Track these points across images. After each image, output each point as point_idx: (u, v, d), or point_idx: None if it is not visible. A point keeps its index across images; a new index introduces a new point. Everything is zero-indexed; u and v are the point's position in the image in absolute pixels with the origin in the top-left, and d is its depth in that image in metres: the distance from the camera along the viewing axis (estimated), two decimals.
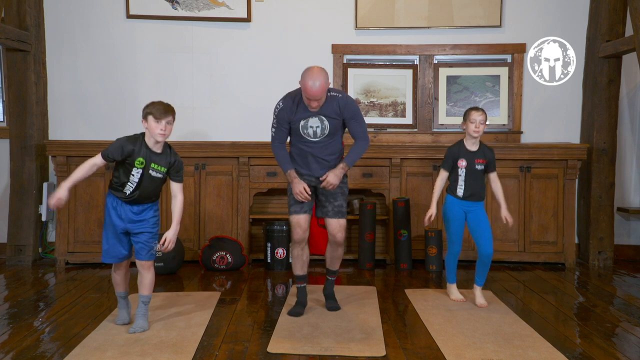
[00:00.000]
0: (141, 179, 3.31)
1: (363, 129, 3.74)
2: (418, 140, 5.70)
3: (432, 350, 3.14)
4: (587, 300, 4.22)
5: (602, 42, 5.38)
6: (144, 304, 3.44)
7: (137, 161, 3.29)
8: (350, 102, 3.69)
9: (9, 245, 5.38)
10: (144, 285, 3.43)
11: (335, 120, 3.66)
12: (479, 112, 3.83)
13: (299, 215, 3.72)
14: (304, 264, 3.83)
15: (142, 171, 3.31)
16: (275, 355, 3.05)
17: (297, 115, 3.65)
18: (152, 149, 3.33)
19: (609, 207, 5.50)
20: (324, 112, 3.63)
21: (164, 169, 3.37)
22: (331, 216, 3.74)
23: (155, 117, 3.28)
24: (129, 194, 3.32)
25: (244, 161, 5.28)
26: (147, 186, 3.33)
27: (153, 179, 3.34)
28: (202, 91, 5.76)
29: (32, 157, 5.38)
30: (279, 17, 5.72)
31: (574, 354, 3.11)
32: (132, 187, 3.32)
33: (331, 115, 3.63)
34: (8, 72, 5.42)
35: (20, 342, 3.22)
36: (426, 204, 5.33)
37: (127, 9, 5.64)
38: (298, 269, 3.84)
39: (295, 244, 3.79)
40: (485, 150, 3.92)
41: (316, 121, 3.64)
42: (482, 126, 3.82)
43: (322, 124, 3.65)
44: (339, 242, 3.80)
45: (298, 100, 3.65)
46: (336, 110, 3.63)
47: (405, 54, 5.78)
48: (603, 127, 5.45)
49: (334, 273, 3.95)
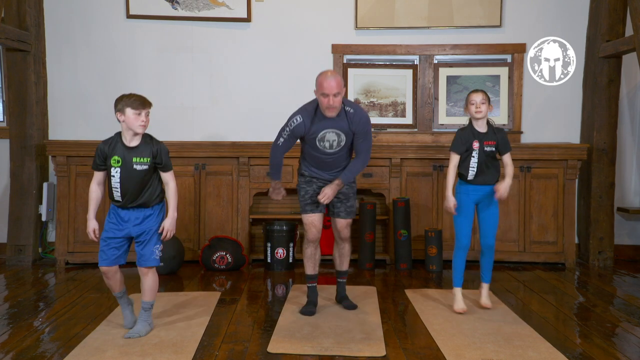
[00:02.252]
0: (121, 177, 3.24)
1: (367, 147, 3.72)
2: (418, 140, 5.70)
3: (432, 350, 3.14)
4: (587, 300, 4.22)
5: (602, 42, 5.38)
6: (144, 311, 3.38)
7: (113, 160, 3.24)
8: (366, 120, 3.67)
9: (9, 245, 5.38)
10: (143, 290, 3.37)
11: (351, 133, 3.66)
12: (477, 92, 3.69)
13: (314, 214, 3.76)
14: (316, 263, 3.87)
15: (119, 169, 3.23)
16: (275, 355, 3.05)
17: (313, 128, 3.62)
18: (129, 145, 3.26)
19: (609, 207, 5.50)
20: (340, 126, 3.62)
21: (148, 159, 3.26)
22: (343, 217, 3.80)
23: (134, 108, 3.20)
24: (117, 197, 3.26)
25: (244, 161, 5.28)
26: (132, 182, 3.24)
27: (138, 172, 3.24)
28: (202, 91, 5.76)
29: (32, 157, 5.38)
30: (279, 17, 5.72)
31: (574, 354, 3.10)
32: (118, 188, 3.25)
33: (348, 129, 3.64)
34: (8, 72, 5.42)
35: (20, 342, 3.22)
36: (426, 204, 5.35)
37: (127, 9, 5.64)
38: (310, 269, 3.86)
39: (310, 243, 3.82)
40: (494, 131, 3.76)
41: (333, 135, 3.63)
42: (483, 106, 3.66)
43: (338, 137, 3.65)
44: (345, 238, 3.86)
45: (314, 113, 3.62)
46: (353, 124, 3.62)
47: (405, 54, 5.77)
48: (603, 127, 5.45)
49: (344, 274, 3.96)
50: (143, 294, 3.37)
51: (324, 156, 3.70)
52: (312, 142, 3.67)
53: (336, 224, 3.83)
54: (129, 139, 3.26)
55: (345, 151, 3.74)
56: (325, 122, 3.60)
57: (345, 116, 3.62)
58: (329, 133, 3.62)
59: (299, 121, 3.61)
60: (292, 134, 3.65)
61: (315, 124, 3.61)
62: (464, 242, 3.82)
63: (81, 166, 5.22)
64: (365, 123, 3.66)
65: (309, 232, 3.77)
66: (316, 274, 3.88)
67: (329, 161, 3.73)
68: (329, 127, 3.61)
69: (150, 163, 3.28)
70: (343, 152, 3.73)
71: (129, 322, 3.45)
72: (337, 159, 3.73)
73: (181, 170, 5.30)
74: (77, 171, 5.24)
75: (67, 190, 5.23)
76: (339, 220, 3.81)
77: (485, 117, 3.73)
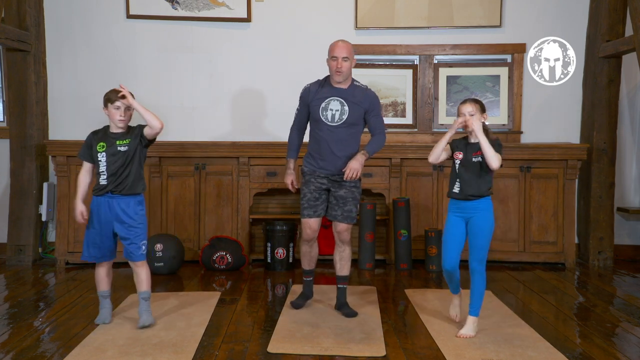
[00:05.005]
0: (107, 160, 3.44)
1: (382, 124, 3.83)
2: (418, 140, 5.70)
3: (432, 350, 3.14)
4: (587, 300, 4.22)
5: (602, 42, 5.38)
6: (144, 300, 3.50)
7: (99, 146, 3.47)
8: (374, 95, 3.79)
9: (9, 245, 5.38)
10: (141, 281, 3.50)
11: (357, 106, 3.71)
12: (465, 104, 3.42)
13: (311, 219, 3.81)
14: (311, 259, 3.93)
15: (105, 154, 3.45)
16: (275, 355, 3.05)
17: (319, 95, 3.73)
18: (114, 132, 3.50)
19: (609, 207, 5.50)
20: (345, 96, 3.71)
21: (129, 139, 3.47)
22: (340, 220, 3.79)
23: (112, 102, 3.44)
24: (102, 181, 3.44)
25: (244, 161, 5.28)
26: (117, 163, 3.42)
27: (122, 154, 3.44)
28: (202, 91, 5.75)
29: (32, 157, 5.38)
30: (279, 17, 5.72)
31: (574, 354, 3.11)
32: (104, 171, 3.44)
33: (353, 100, 3.71)
34: (8, 72, 5.42)
35: (20, 342, 3.22)
36: (426, 204, 5.35)
37: (127, 9, 5.64)
38: (305, 264, 3.94)
39: (304, 242, 3.89)
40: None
41: (337, 104, 3.71)
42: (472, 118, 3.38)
43: (342, 107, 3.70)
44: (345, 240, 3.84)
45: (324, 82, 3.79)
46: (359, 97, 3.72)
47: (405, 54, 5.77)
48: (603, 127, 5.45)
49: (344, 279, 3.87)
50: (140, 285, 3.51)
51: (326, 132, 3.71)
52: (315, 112, 3.74)
53: (336, 227, 3.83)
54: (115, 129, 3.51)
55: (348, 132, 3.70)
56: (331, 90, 3.73)
57: (353, 89, 3.73)
58: (333, 101, 3.71)
59: (306, 87, 3.83)
60: (302, 101, 3.82)
61: (321, 91, 3.74)
62: (447, 267, 3.44)
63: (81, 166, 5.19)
64: (373, 97, 3.77)
65: (304, 232, 3.85)
66: (312, 270, 3.96)
67: (332, 140, 3.70)
68: (335, 94, 3.72)
69: (131, 141, 3.47)
70: (346, 131, 3.70)
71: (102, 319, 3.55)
72: (341, 139, 3.70)
73: (181, 170, 5.31)
74: (77, 171, 5.19)
75: (67, 190, 5.23)
76: (336, 223, 3.81)
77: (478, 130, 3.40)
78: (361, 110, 3.73)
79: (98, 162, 3.46)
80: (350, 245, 3.89)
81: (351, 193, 3.77)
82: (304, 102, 3.81)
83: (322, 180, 3.77)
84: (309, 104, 3.77)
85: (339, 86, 3.72)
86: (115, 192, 3.44)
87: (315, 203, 3.77)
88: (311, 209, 3.78)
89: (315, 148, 3.78)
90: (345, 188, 3.75)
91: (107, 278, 3.58)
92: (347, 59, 3.63)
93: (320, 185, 3.78)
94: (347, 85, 3.73)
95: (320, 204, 3.79)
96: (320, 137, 3.74)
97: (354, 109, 3.70)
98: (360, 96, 3.72)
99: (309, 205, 3.78)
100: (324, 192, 3.80)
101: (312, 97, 3.75)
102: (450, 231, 3.44)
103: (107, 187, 3.44)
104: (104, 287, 3.58)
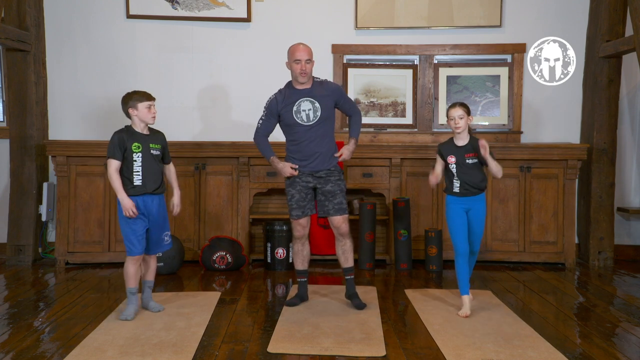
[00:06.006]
0: (144, 161, 3.60)
1: (354, 104, 4.06)
2: (418, 140, 5.70)
3: (432, 350, 3.14)
4: (587, 300, 4.22)
5: (602, 42, 5.38)
6: (149, 289, 3.81)
7: (134, 146, 3.60)
8: (335, 85, 4.00)
9: (9, 245, 5.38)
10: (152, 270, 3.81)
11: (326, 99, 3.84)
12: (455, 107, 3.76)
13: (300, 219, 3.93)
14: (304, 258, 4.00)
15: (141, 154, 3.60)
16: (275, 355, 3.05)
17: (287, 101, 3.84)
18: (142, 133, 3.66)
19: (609, 207, 5.50)
20: (312, 94, 3.84)
21: (160, 146, 3.71)
22: (333, 214, 3.88)
23: (145, 102, 3.61)
24: (137, 181, 3.57)
25: (244, 161, 5.28)
26: (152, 167, 3.63)
27: (154, 157, 3.66)
28: (202, 91, 5.75)
29: (32, 157, 5.38)
30: (279, 17, 5.72)
31: (574, 354, 3.11)
32: (139, 172, 3.58)
33: (321, 95, 3.84)
34: (8, 72, 5.42)
35: (20, 342, 3.22)
36: (426, 204, 5.35)
37: (127, 9, 5.64)
38: (299, 264, 4.02)
39: (296, 240, 3.98)
40: (474, 143, 3.74)
41: (307, 104, 3.83)
42: (461, 121, 3.72)
43: (313, 105, 3.83)
44: (344, 233, 3.93)
45: (288, 88, 3.91)
46: (325, 90, 3.86)
47: (405, 54, 5.77)
48: (603, 127, 5.45)
49: (350, 270, 3.99)
50: (149, 275, 3.80)
51: (304, 133, 3.83)
52: (289, 117, 3.84)
53: (332, 222, 3.92)
54: (142, 129, 3.67)
55: (324, 127, 3.86)
56: (298, 92, 3.85)
57: (318, 85, 3.88)
58: (304, 102, 3.83)
59: (271, 98, 3.92)
60: (269, 111, 3.92)
61: (288, 97, 3.85)
62: (462, 248, 3.78)
63: (81, 166, 5.22)
64: (336, 86, 3.97)
65: (294, 230, 3.97)
66: (305, 270, 4.03)
67: (311, 138, 3.83)
68: (302, 95, 3.84)
69: (161, 150, 3.73)
70: (322, 127, 3.85)
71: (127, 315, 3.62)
72: (318, 136, 3.84)
73: (181, 170, 5.30)
74: (77, 171, 5.24)
75: (67, 190, 5.23)
76: (331, 217, 3.90)
77: (464, 131, 3.78)
78: (331, 102, 3.89)
79: (133, 161, 3.58)
80: (350, 237, 3.98)
81: (337, 186, 3.89)
82: (272, 112, 3.89)
83: (308, 179, 3.88)
84: (279, 112, 3.87)
85: (304, 87, 3.86)
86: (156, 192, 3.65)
87: (303, 203, 3.89)
88: (299, 209, 3.90)
89: (295, 150, 3.89)
90: (331, 182, 3.88)
91: (138, 274, 3.70)
92: (309, 61, 3.81)
93: (306, 184, 3.89)
94: (311, 84, 3.87)
95: (307, 204, 3.90)
96: (298, 139, 3.86)
97: (324, 102, 3.85)
98: (325, 89, 3.88)
99: (297, 206, 3.89)
100: (310, 190, 3.91)
101: (282, 105, 3.85)
102: (457, 221, 3.78)
103: (145, 187, 3.60)
104: (135, 284, 3.66)
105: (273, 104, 3.88)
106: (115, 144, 3.56)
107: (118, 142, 3.57)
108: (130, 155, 3.57)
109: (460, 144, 3.81)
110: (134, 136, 3.61)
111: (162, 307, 3.79)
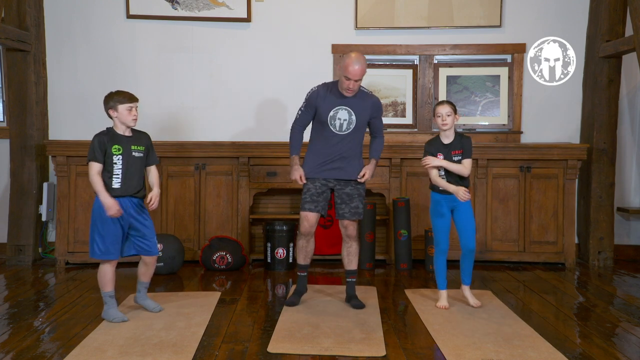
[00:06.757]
0: (124, 164, 3.53)
1: (382, 126, 4.02)
2: (418, 140, 5.70)
3: (432, 350, 3.14)
4: (587, 300, 4.22)
5: (602, 42, 5.38)
6: (145, 289, 3.80)
7: (114, 148, 3.52)
8: (378, 101, 3.94)
9: (9, 245, 5.38)
10: (150, 273, 3.77)
11: (365, 111, 3.82)
12: (443, 105, 3.82)
13: (311, 213, 3.85)
14: (307, 254, 3.98)
15: (121, 157, 3.53)
16: (275, 355, 3.05)
17: (327, 103, 3.79)
18: (123, 135, 3.57)
19: (609, 207, 5.50)
20: (353, 105, 3.79)
21: (143, 148, 3.63)
22: (348, 217, 3.87)
23: (126, 104, 3.51)
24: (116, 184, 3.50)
25: (244, 161, 5.28)
26: (132, 169, 3.55)
27: (136, 159, 3.58)
28: (202, 91, 5.76)
29: (32, 157, 5.38)
30: (279, 17, 5.72)
31: (574, 354, 3.11)
32: (119, 175, 3.51)
33: (361, 108, 3.80)
34: (8, 72, 5.42)
35: (20, 342, 3.22)
36: (426, 204, 5.34)
37: (127, 9, 5.64)
38: (301, 259, 3.99)
39: (302, 236, 3.93)
40: (460, 140, 3.84)
41: (345, 114, 3.79)
42: (449, 118, 3.78)
43: (349, 117, 3.80)
44: (351, 235, 3.93)
45: (332, 88, 3.83)
46: (367, 107, 3.82)
47: (405, 54, 5.77)
48: (603, 127, 5.45)
49: (352, 273, 4.00)
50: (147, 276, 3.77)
51: (332, 138, 3.82)
52: (323, 121, 3.80)
53: (342, 223, 3.91)
54: (123, 131, 3.57)
55: (354, 136, 3.83)
56: (340, 100, 3.79)
57: (361, 96, 3.82)
58: (342, 110, 3.79)
59: (315, 89, 3.86)
60: (308, 103, 3.85)
61: (330, 98, 3.79)
62: (443, 246, 3.91)
63: (81, 166, 5.22)
64: (378, 103, 3.92)
65: (301, 226, 3.90)
66: (307, 265, 4.01)
67: (341, 146, 3.82)
68: (343, 104, 3.78)
69: (144, 151, 3.64)
70: (353, 136, 3.83)
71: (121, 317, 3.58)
72: (348, 144, 3.83)
73: (181, 170, 5.31)
74: (77, 171, 5.24)
75: (67, 190, 5.23)
76: (343, 220, 3.90)
77: (451, 128, 3.84)
78: (368, 116, 3.86)
79: (113, 164, 3.50)
80: (357, 240, 3.99)
81: (357, 190, 3.89)
82: (311, 104, 3.84)
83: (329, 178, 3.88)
84: (317, 106, 3.82)
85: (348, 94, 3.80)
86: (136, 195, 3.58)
87: (317, 198, 3.84)
88: (313, 203, 3.83)
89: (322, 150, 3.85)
90: (351, 186, 3.87)
91: (114, 277, 3.64)
92: (359, 80, 3.73)
93: (326, 182, 3.87)
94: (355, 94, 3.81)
95: (322, 200, 3.85)
96: (326, 142, 3.84)
97: (361, 117, 3.82)
98: (366, 104, 3.83)
99: (311, 200, 3.84)
100: (327, 190, 3.89)
101: (321, 102, 3.81)
102: (440, 219, 3.89)
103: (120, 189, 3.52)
104: (112, 287, 3.61)
105: (314, 96, 3.83)
106: (96, 147, 3.48)
107: (98, 144, 3.48)
108: (110, 158, 3.49)
109: (446, 142, 3.87)
110: (115, 138, 3.53)
111: (161, 307, 3.78)
